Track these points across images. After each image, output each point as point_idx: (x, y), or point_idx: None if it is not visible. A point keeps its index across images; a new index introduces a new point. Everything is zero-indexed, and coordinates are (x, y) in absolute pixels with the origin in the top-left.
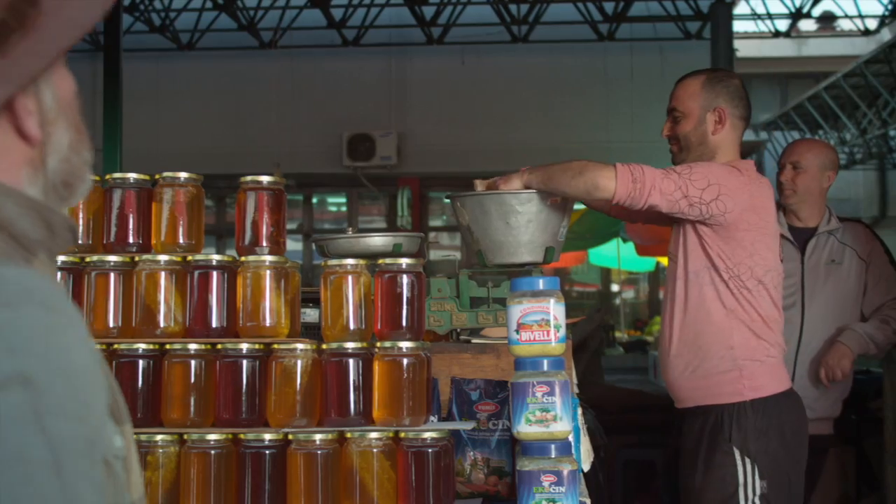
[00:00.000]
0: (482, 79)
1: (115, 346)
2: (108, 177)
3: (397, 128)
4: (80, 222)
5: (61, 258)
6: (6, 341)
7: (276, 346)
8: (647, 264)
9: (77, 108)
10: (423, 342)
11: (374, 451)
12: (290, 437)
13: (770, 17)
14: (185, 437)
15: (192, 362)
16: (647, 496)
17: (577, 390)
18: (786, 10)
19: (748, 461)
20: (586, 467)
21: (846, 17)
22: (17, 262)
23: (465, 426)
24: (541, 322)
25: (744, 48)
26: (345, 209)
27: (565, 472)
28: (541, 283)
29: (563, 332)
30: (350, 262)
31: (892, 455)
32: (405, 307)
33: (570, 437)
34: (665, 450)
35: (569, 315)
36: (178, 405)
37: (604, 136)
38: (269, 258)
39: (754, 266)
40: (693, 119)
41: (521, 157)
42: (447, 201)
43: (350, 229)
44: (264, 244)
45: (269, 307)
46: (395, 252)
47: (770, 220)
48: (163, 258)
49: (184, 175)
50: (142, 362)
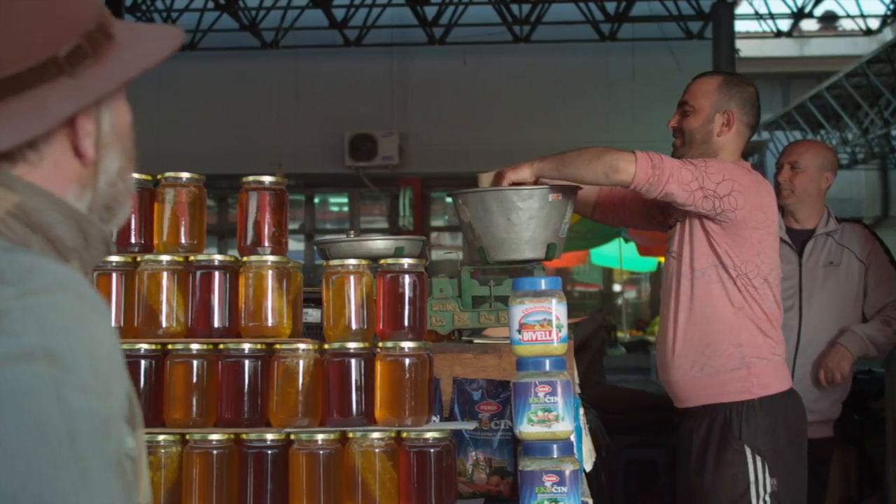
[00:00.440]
0: (484, 79)
1: None
2: None
3: (399, 128)
4: None
5: None
6: (39, 321)
7: (278, 346)
8: (648, 264)
9: (131, 138)
10: (425, 342)
11: (376, 451)
12: (293, 437)
13: (772, 16)
14: (188, 437)
15: (195, 362)
16: (649, 496)
17: (578, 390)
18: (788, 10)
19: (759, 459)
20: (588, 467)
21: (848, 16)
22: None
23: (468, 426)
24: (543, 322)
25: (746, 48)
26: (346, 209)
27: (567, 472)
28: (543, 284)
29: (564, 332)
30: (352, 262)
31: (895, 455)
32: (407, 307)
33: (573, 437)
34: (667, 450)
35: (571, 315)
36: (180, 405)
37: (605, 137)
38: (271, 258)
39: (761, 264)
40: (702, 116)
41: (523, 156)
42: (449, 200)
43: (352, 233)
44: (266, 244)
45: (272, 307)
46: (397, 255)
47: (774, 220)
48: (165, 258)
49: (186, 175)
50: (144, 362)
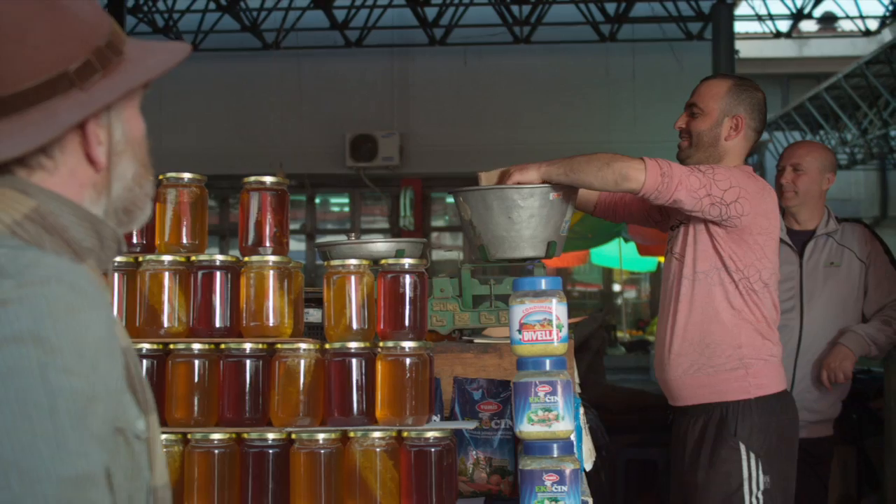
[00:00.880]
0: (484, 79)
1: None
2: None
3: (400, 128)
4: None
5: None
6: (32, 309)
7: (279, 345)
8: (648, 264)
9: (145, 147)
10: (425, 342)
11: (377, 450)
12: (294, 436)
13: (771, 17)
14: (189, 436)
15: (196, 362)
16: (649, 495)
17: (579, 390)
18: (787, 11)
19: (753, 456)
20: (588, 466)
21: (847, 17)
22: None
23: (468, 426)
24: (543, 322)
25: (745, 49)
26: (347, 210)
27: (567, 472)
28: (543, 283)
29: (565, 331)
30: (353, 262)
31: (893, 454)
32: (408, 307)
33: (573, 437)
34: (667, 449)
35: (571, 315)
36: (181, 405)
37: (605, 137)
38: (272, 258)
39: (762, 269)
40: (711, 119)
41: (524, 157)
42: (450, 200)
43: (353, 235)
44: (268, 244)
45: (273, 307)
46: (398, 256)
47: (777, 225)
48: (166, 258)
49: (187, 175)
50: (145, 362)
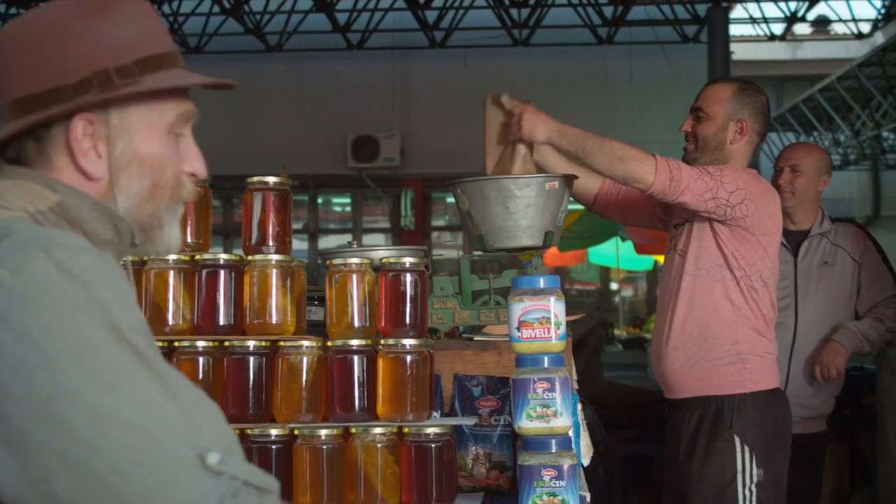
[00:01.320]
0: (484, 81)
1: None
2: None
3: (401, 129)
4: None
5: None
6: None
7: (282, 343)
8: (645, 263)
9: (166, 170)
10: (426, 339)
11: (379, 445)
12: (296, 432)
13: (766, 20)
14: None
15: (200, 359)
16: (645, 490)
17: (576, 386)
18: (781, 14)
19: (747, 449)
20: (586, 462)
21: (840, 20)
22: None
23: (468, 422)
24: (541, 320)
25: (740, 51)
26: (349, 209)
27: (565, 467)
28: (541, 282)
29: (563, 329)
30: (354, 261)
31: (885, 449)
32: (408, 305)
33: (570, 433)
34: (663, 444)
35: (569, 313)
36: None
37: None
38: (275, 257)
39: (763, 268)
40: (716, 123)
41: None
42: (451, 201)
43: (354, 243)
44: (271, 243)
45: (276, 305)
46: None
47: (780, 226)
48: (171, 257)
49: None
50: None
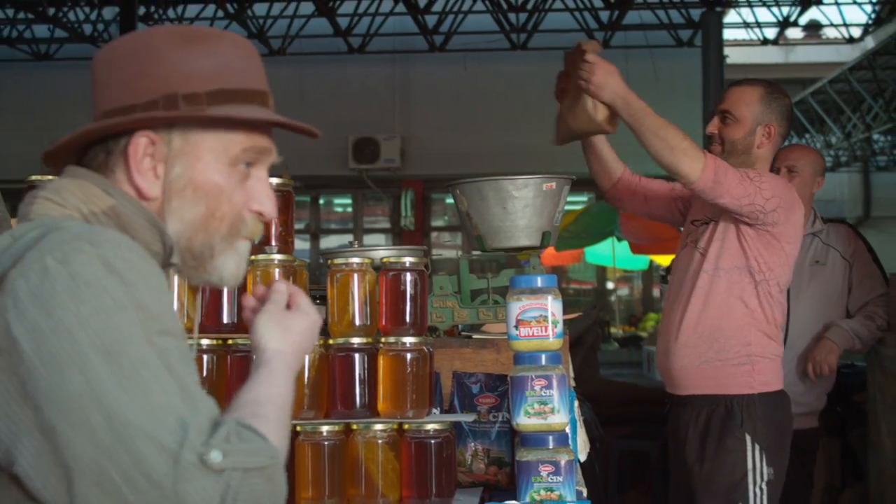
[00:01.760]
0: (483, 84)
1: None
2: None
3: (401, 131)
4: None
5: None
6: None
7: None
8: (641, 263)
9: (221, 201)
10: (425, 337)
11: (379, 442)
12: (298, 428)
13: (759, 25)
14: None
15: (205, 357)
16: (641, 486)
17: (573, 384)
18: (774, 19)
19: (758, 448)
20: (583, 458)
21: (832, 25)
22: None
23: (467, 418)
24: (539, 318)
25: (733, 55)
26: (350, 210)
27: (562, 463)
28: (539, 281)
29: (560, 327)
30: (356, 260)
31: (876, 446)
32: (408, 304)
33: (567, 429)
34: (660, 441)
35: (566, 311)
36: None
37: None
38: (277, 257)
39: (781, 275)
40: (745, 127)
41: (521, 159)
42: (450, 202)
43: (355, 243)
44: (273, 243)
45: None
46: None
47: (801, 236)
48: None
49: None
50: None
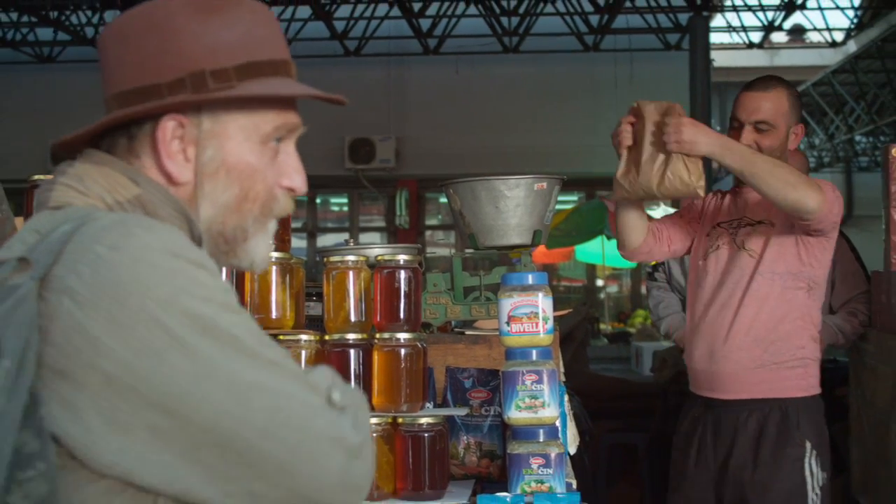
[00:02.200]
0: (475, 87)
1: None
2: None
3: (396, 132)
4: None
5: None
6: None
7: (281, 336)
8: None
9: (256, 181)
10: (419, 333)
11: (374, 435)
12: None
13: (744, 29)
14: None
15: None
16: (629, 478)
17: (563, 378)
18: (759, 23)
19: (815, 453)
20: (572, 450)
21: (815, 29)
22: None
23: (459, 412)
24: (530, 315)
25: (719, 58)
26: (346, 209)
27: (553, 455)
28: (530, 279)
29: (550, 324)
30: (351, 258)
31: (857, 439)
32: (403, 301)
33: (558, 423)
34: (647, 434)
35: (556, 308)
36: None
37: (590, 140)
38: (275, 255)
39: (825, 280)
40: (781, 134)
41: (513, 159)
42: (444, 200)
43: (351, 241)
44: (270, 242)
45: (275, 300)
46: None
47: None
48: None
49: None
50: None
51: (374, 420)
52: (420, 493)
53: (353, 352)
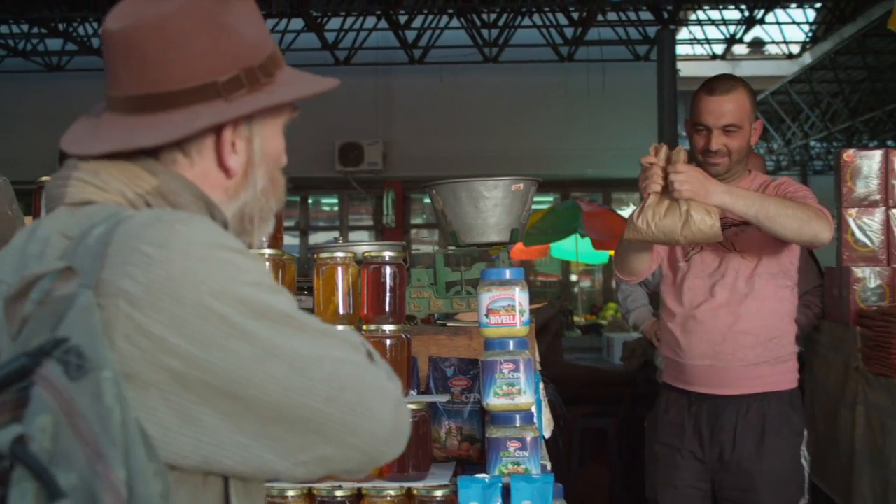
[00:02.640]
0: (458, 94)
1: None
2: None
3: (383, 137)
4: None
5: None
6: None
7: None
8: (601, 257)
9: (279, 165)
10: (404, 325)
11: None
12: None
13: (708, 42)
14: None
15: None
16: (600, 459)
17: (539, 367)
18: (722, 36)
19: (806, 438)
20: (547, 434)
21: (773, 42)
22: None
23: (441, 399)
24: (507, 307)
25: (685, 69)
26: (336, 209)
27: (529, 439)
28: (507, 274)
29: (527, 316)
30: (340, 254)
31: (812, 426)
32: (388, 294)
33: (533, 409)
34: (617, 419)
35: (532, 301)
36: None
37: (564, 144)
38: (268, 251)
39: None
40: (746, 133)
41: (492, 162)
42: (428, 201)
43: (340, 239)
44: (264, 239)
45: None
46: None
47: None
48: None
49: None
50: None
51: None
52: (405, 475)
53: None
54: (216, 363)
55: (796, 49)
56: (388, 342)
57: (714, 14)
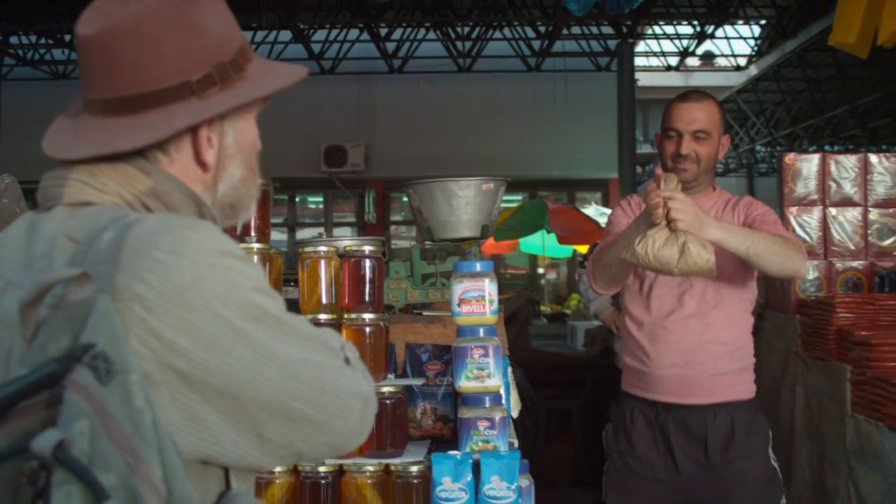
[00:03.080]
0: (434, 101)
1: None
2: None
3: (365, 140)
4: None
5: None
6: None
7: None
8: (566, 251)
9: (255, 153)
10: (382, 314)
11: None
12: None
13: (664, 54)
14: None
15: None
16: (564, 438)
17: (508, 353)
18: (676, 50)
19: (771, 440)
20: (515, 414)
21: (722, 55)
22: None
23: (417, 382)
24: (478, 298)
25: (643, 79)
26: (321, 207)
27: (497, 419)
28: (478, 266)
29: (496, 305)
30: (323, 248)
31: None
32: (368, 285)
33: (502, 391)
34: (580, 401)
35: (502, 292)
36: None
37: (532, 148)
38: (256, 245)
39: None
40: (715, 142)
41: (467, 164)
42: (406, 199)
43: (323, 234)
44: (253, 234)
45: None
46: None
47: None
48: None
49: None
50: None
51: None
52: (382, 452)
53: None
54: (219, 365)
55: (743, 62)
56: (368, 330)
57: (669, 29)
